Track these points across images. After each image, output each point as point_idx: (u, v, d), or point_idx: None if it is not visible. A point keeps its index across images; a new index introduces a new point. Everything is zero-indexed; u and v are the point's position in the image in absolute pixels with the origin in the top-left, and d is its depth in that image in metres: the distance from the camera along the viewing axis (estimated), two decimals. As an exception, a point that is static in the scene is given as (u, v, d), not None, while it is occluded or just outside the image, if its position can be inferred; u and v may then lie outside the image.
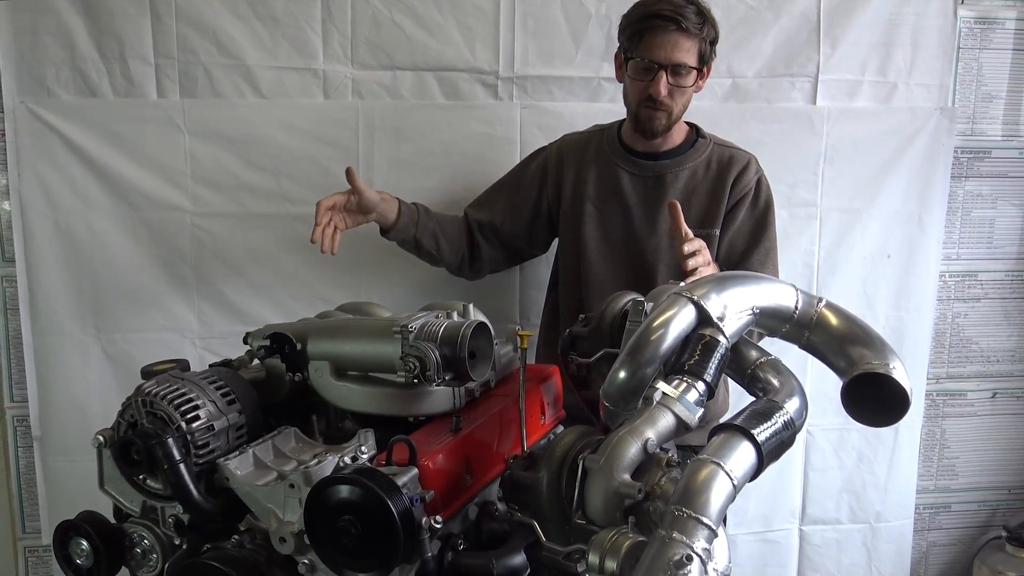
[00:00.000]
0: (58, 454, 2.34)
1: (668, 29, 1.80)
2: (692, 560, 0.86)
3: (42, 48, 2.19)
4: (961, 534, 2.85)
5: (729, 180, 1.96)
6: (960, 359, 2.72)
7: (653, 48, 1.82)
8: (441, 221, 2.09)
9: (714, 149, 2.00)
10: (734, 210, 1.97)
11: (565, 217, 2.07)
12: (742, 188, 1.97)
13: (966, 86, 2.54)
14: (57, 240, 2.26)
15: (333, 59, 2.28)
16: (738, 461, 0.97)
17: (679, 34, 1.80)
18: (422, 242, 2.05)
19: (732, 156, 1.99)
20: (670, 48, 1.81)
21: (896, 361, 1.14)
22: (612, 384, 1.09)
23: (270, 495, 1.10)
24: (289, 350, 1.30)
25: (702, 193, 1.97)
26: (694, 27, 1.80)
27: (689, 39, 1.81)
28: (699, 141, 2.01)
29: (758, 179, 1.99)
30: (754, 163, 2.00)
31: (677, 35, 1.80)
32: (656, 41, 1.81)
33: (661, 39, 1.81)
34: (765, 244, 2.00)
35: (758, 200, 1.99)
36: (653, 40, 1.82)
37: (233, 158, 2.28)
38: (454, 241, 2.10)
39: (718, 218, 1.97)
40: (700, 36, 1.82)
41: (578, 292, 2.05)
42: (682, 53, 1.82)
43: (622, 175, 2.00)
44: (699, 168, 1.98)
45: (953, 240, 2.64)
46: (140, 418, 1.16)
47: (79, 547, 1.22)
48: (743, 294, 1.16)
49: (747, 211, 1.99)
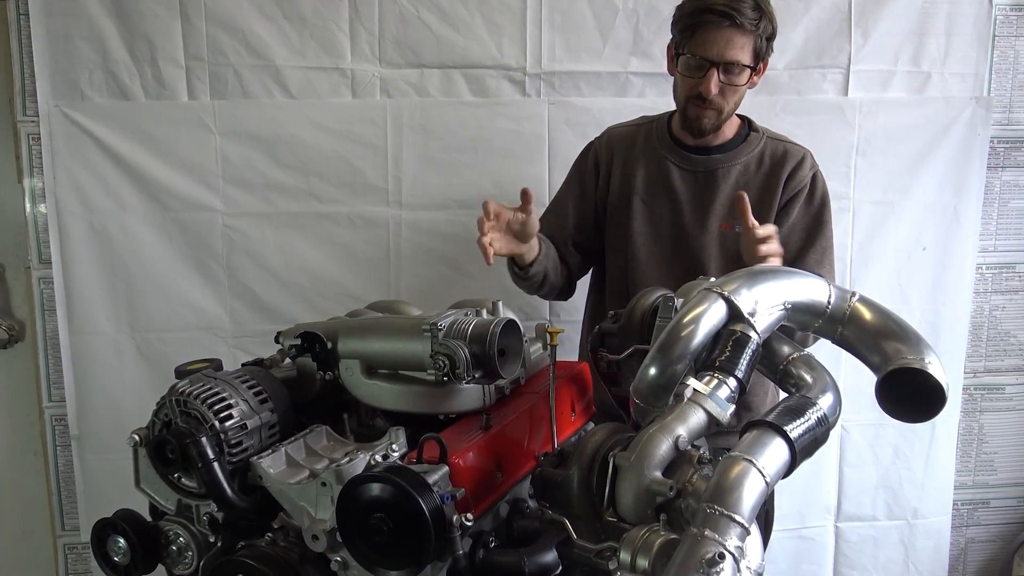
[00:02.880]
0: (95, 453, 2.38)
1: (722, 25, 1.70)
2: (724, 558, 0.85)
3: (75, 52, 2.23)
4: (1000, 530, 2.80)
5: (783, 176, 1.88)
6: (998, 352, 2.67)
7: (705, 45, 1.73)
8: (547, 246, 1.93)
9: (767, 143, 1.92)
10: (788, 206, 1.89)
11: (612, 211, 1.98)
12: (797, 184, 1.89)
13: (1002, 75, 2.49)
14: (92, 241, 2.29)
15: (361, 58, 2.29)
16: (771, 458, 0.96)
17: (733, 30, 1.70)
18: (549, 275, 1.90)
19: (786, 151, 1.91)
20: (723, 45, 1.72)
21: (931, 355, 1.12)
22: (642, 381, 1.08)
23: (302, 493, 1.11)
24: (320, 349, 1.30)
25: (754, 189, 1.88)
26: (749, 23, 1.70)
27: (744, 35, 1.72)
28: (752, 135, 1.93)
29: (813, 174, 1.90)
30: (809, 158, 1.92)
31: (731, 31, 1.71)
32: (709, 37, 1.72)
33: (714, 35, 1.72)
34: (821, 243, 1.90)
35: (813, 196, 1.90)
36: (706, 36, 1.72)
37: (263, 158, 2.30)
38: (558, 265, 1.97)
39: (770, 214, 1.88)
40: (756, 32, 1.72)
41: (625, 291, 1.95)
42: (735, 51, 1.72)
43: (672, 169, 1.92)
44: (752, 163, 1.91)
45: (990, 231, 2.59)
46: (174, 417, 1.17)
47: (116, 545, 1.23)
48: (774, 289, 1.14)
49: (802, 207, 1.90)
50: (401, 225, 2.35)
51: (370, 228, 2.35)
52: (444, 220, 2.36)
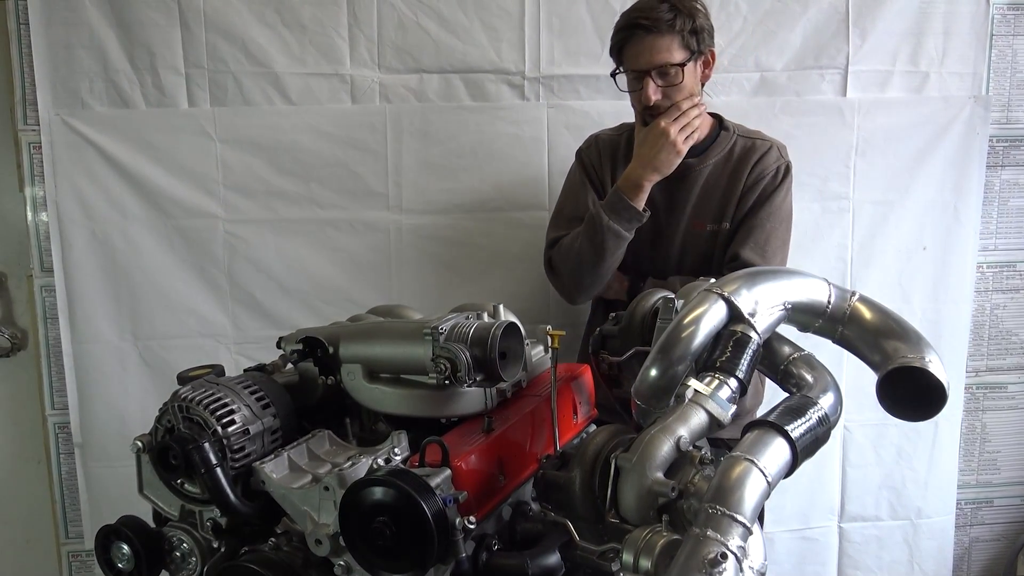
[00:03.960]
0: (99, 460, 2.38)
1: (641, 35, 1.81)
2: (727, 558, 0.86)
3: (76, 61, 2.23)
4: (1004, 529, 2.80)
5: (747, 168, 1.91)
6: (1000, 351, 2.67)
7: (633, 58, 1.84)
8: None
9: (737, 140, 1.95)
10: (747, 194, 1.91)
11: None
12: (759, 173, 1.90)
13: (1000, 73, 2.50)
14: (94, 249, 2.30)
15: (360, 64, 2.30)
16: (772, 458, 0.97)
17: (653, 36, 1.80)
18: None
19: (753, 144, 1.94)
20: (647, 53, 1.81)
21: (932, 354, 1.12)
22: (643, 382, 1.08)
23: (305, 498, 1.11)
24: (321, 354, 1.30)
25: (720, 187, 1.93)
26: (666, 25, 1.79)
27: (664, 37, 1.80)
28: (722, 134, 1.96)
29: (778, 167, 1.91)
30: (776, 150, 1.93)
31: (651, 38, 1.80)
32: (634, 51, 1.83)
33: (638, 47, 1.82)
34: (766, 229, 1.89)
35: (774, 184, 1.91)
36: (631, 50, 1.84)
37: (264, 165, 2.31)
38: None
39: (732, 206, 1.91)
40: (675, 31, 1.80)
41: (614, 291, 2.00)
42: (661, 54, 1.80)
43: None
44: (721, 161, 1.94)
45: (990, 230, 2.59)
46: (177, 423, 1.17)
47: (120, 551, 1.23)
48: (774, 289, 1.15)
49: (759, 195, 1.91)
50: (402, 230, 2.36)
51: (371, 233, 2.36)
52: (445, 225, 2.37)
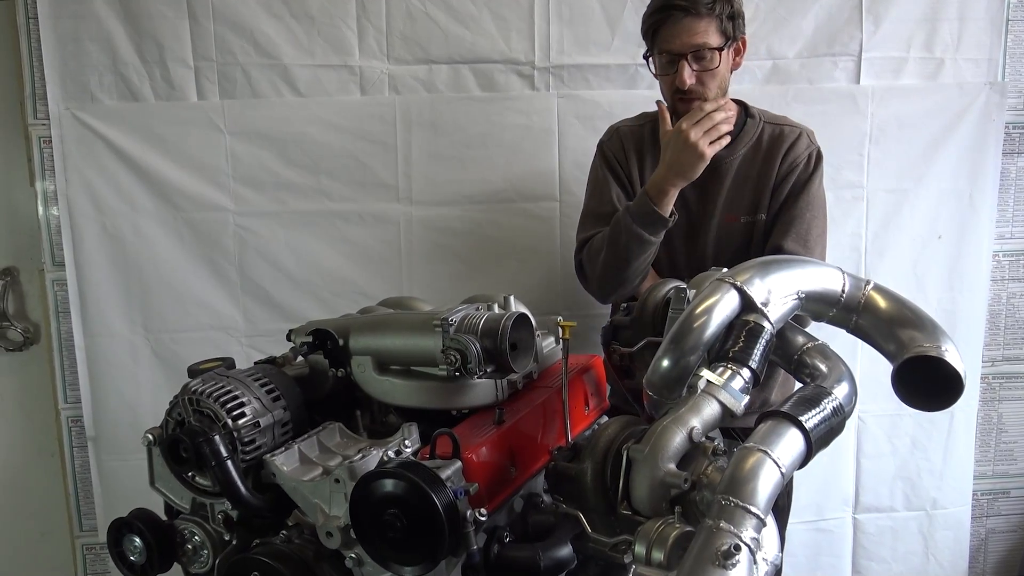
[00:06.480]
0: (111, 453, 2.39)
1: (678, 17, 1.77)
2: (740, 550, 0.84)
3: (84, 55, 2.23)
4: (1021, 520, 2.78)
5: (779, 156, 1.88)
6: (1016, 340, 2.65)
7: (669, 39, 1.79)
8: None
9: (764, 127, 1.92)
10: (782, 184, 1.88)
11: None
12: (792, 161, 1.88)
13: (1016, 59, 2.46)
14: (105, 243, 2.30)
15: (369, 55, 2.29)
16: (786, 449, 0.95)
17: (692, 19, 1.76)
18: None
19: (782, 131, 1.91)
20: (685, 35, 1.77)
21: (948, 343, 1.11)
22: (655, 373, 1.07)
23: (316, 490, 1.11)
24: (332, 346, 1.30)
25: (752, 177, 1.89)
26: (705, 8, 1.76)
27: (703, 20, 1.76)
28: (748, 122, 1.92)
29: (810, 153, 1.89)
30: (806, 136, 1.90)
31: (690, 20, 1.76)
32: (671, 32, 1.79)
33: (674, 29, 1.78)
34: (806, 220, 1.87)
35: (808, 173, 1.88)
36: (668, 32, 1.79)
37: (273, 157, 2.31)
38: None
39: (766, 197, 1.88)
40: (715, 14, 1.77)
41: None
42: (699, 36, 1.77)
43: None
44: (751, 150, 1.90)
45: (1006, 218, 2.57)
46: (187, 416, 1.17)
47: (132, 544, 1.24)
48: (787, 278, 1.13)
49: (794, 185, 1.88)
50: (412, 221, 2.35)
51: (381, 225, 2.35)
52: (455, 216, 2.36)
